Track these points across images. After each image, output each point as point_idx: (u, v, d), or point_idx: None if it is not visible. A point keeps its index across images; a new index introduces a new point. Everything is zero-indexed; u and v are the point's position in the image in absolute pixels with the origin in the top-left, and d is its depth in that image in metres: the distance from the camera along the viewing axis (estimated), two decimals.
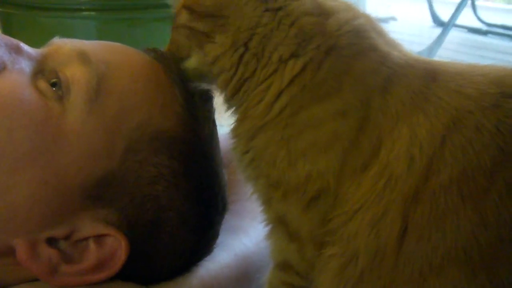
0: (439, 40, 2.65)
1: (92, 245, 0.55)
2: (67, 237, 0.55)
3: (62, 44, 0.60)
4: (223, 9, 0.55)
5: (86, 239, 0.55)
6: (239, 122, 0.57)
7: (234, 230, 0.70)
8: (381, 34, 0.56)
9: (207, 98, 0.64)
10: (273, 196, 0.56)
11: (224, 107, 0.59)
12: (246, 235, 0.71)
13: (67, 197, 0.54)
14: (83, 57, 0.58)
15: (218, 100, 0.63)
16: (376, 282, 0.51)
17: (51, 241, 0.54)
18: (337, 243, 0.53)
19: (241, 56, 0.55)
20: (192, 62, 0.59)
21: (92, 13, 1.14)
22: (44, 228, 0.53)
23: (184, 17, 0.57)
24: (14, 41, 0.59)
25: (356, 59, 0.54)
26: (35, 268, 0.52)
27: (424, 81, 0.53)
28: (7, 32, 1.30)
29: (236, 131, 0.58)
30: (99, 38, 1.15)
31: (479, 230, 0.47)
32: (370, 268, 0.51)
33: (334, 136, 0.53)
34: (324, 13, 0.55)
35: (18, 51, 0.58)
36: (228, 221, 0.68)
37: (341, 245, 0.52)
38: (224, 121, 0.67)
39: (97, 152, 0.55)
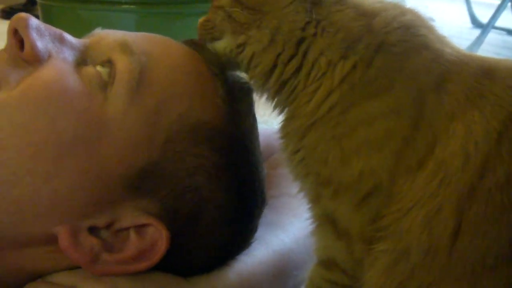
0: (478, 42, 2.61)
1: (133, 235, 0.55)
2: (108, 226, 0.55)
3: (105, 35, 0.61)
4: (265, 5, 0.55)
5: (127, 229, 0.55)
6: (288, 121, 0.57)
7: (272, 226, 0.69)
8: (432, 30, 0.56)
9: (248, 91, 0.64)
10: (323, 194, 0.56)
11: (269, 106, 0.59)
12: (284, 231, 0.70)
13: (108, 187, 0.54)
14: (126, 48, 0.58)
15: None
16: (426, 278, 0.50)
17: (93, 230, 0.54)
18: (389, 239, 0.52)
19: (278, 55, 0.55)
20: (221, 45, 0.59)
21: (131, 6, 1.15)
22: (86, 216, 0.53)
23: (225, 0, 0.57)
24: (57, 30, 0.59)
25: (408, 57, 0.53)
26: (77, 256, 0.53)
27: (479, 78, 0.52)
28: (47, 23, 1.31)
29: (285, 130, 0.58)
30: (138, 31, 1.16)
31: None
32: (422, 264, 0.50)
33: (387, 134, 0.52)
34: (371, 15, 0.54)
35: (61, 40, 0.58)
36: (267, 216, 0.68)
37: (393, 241, 0.52)
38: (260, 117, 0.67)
39: (138, 142, 0.55)
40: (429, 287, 0.50)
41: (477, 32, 2.86)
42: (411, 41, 0.54)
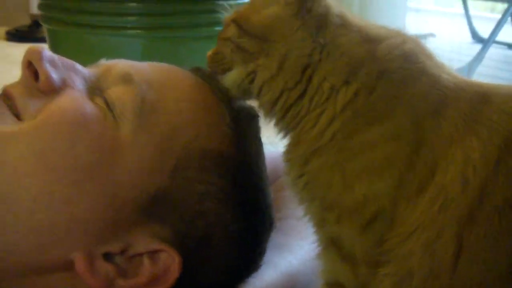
0: (479, 56, 2.62)
1: (146, 260, 0.56)
2: (122, 252, 0.56)
3: (112, 66, 0.63)
4: (272, 34, 0.57)
5: (140, 254, 0.57)
6: (292, 147, 0.59)
7: (280, 248, 0.71)
8: (430, 57, 0.57)
9: (253, 117, 0.66)
10: (327, 218, 0.58)
11: (274, 130, 0.61)
12: (292, 253, 0.72)
13: (123, 211, 0.56)
14: (127, 78, 0.60)
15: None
16: None
17: (108, 256, 0.56)
18: (392, 263, 0.53)
19: (286, 82, 0.57)
20: (233, 76, 0.60)
21: (138, 31, 1.16)
22: (101, 242, 0.55)
23: (232, 31, 0.59)
24: (69, 61, 0.61)
25: (407, 84, 0.55)
26: (93, 282, 0.54)
27: (476, 104, 0.54)
28: (54, 48, 1.33)
29: (289, 156, 0.59)
30: (145, 55, 1.18)
31: None
32: (424, 286, 0.51)
33: (388, 159, 0.54)
34: (374, 40, 0.56)
35: (74, 70, 0.61)
36: (274, 238, 0.69)
37: (396, 265, 0.53)
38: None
39: (148, 168, 0.57)
40: None
41: (477, 47, 2.87)
42: (410, 69, 0.55)
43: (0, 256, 0.54)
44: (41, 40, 2.79)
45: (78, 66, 0.61)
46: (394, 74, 0.55)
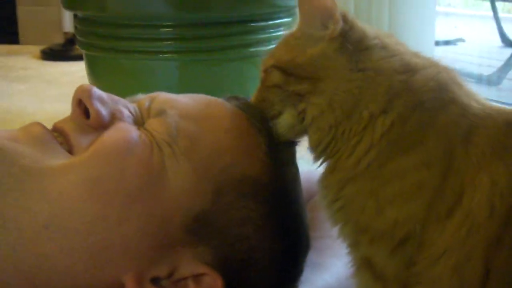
0: (510, 61, 2.60)
1: (191, 284, 0.60)
2: (169, 276, 0.60)
3: (151, 101, 0.67)
4: (319, 71, 0.59)
5: (185, 278, 0.60)
6: (329, 173, 0.61)
7: (315, 266, 0.73)
8: (460, 85, 0.60)
9: (290, 143, 0.68)
10: (361, 240, 0.60)
11: (311, 157, 0.63)
12: (327, 271, 0.74)
13: (169, 233, 0.59)
14: (161, 112, 0.64)
15: None
16: None
17: (155, 281, 0.59)
18: (421, 285, 0.56)
19: (337, 116, 0.59)
20: (286, 120, 0.62)
21: (173, 55, 1.20)
22: (150, 265, 0.59)
23: (277, 78, 0.61)
24: (116, 97, 0.65)
25: (438, 113, 0.57)
26: None
27: (504, 131, 0.56)
28: (92, 72, 1.38)
29: (325, 182, 0.62)
30: (180, 78, 1.22)
31: None
32: None
33: (419, 185, 0.56)
34: (411, 70, 0.58)
35: (121, 104, 0.64)
36: (310, 257, 0.71)
37: (426, 286, 0.55)
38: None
39: (190, 191, 0.60)
40: None
41: (508, 51, 2.84)
42: (441, 98, 0.58)
43: (56, 278, 0.57)
44: (75, 58, 2.87)
45: (124, 101, 0.65)
46: (427, 104, 0.57)
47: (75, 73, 2.73)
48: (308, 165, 0.66)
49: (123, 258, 0.58)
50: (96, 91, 0.62)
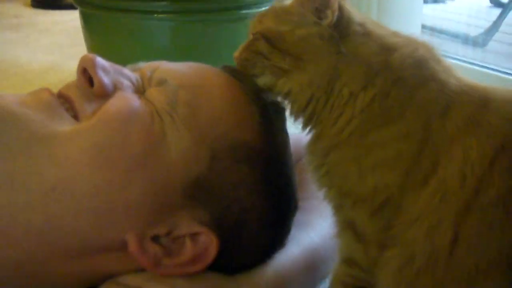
0: (497, 23, 2.62)
1: (188, 241, 0.64)
2: (167, 234, 0.64)
3: (152, 71, 0.71)
4: (304, 53, 0.63)
5: (183, 236, 0.65)
6: (314, 141, 0.66)
7: (302, 225, 0.78)
8: (439, 61, 0.64)
9: (281, 111, 0.72)
10: (344, 203, 0.66)
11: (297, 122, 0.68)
12: (313, 229, 0.79)
13: (169, 196, 0.63)
14: (162, 81, 0.68)
15: None
16: (429, 280, 0.59)
17: (155, 238, 0.64)
18: (397, 246, 0.61)
19: (314, 92, 0.64)
20: (263, 81, 0.67)
21: (168, 15, 1.22)
22: (150, 225, 0.63)
23: (263, 47, 0.65)
24: (118, 66, 0.69)
25: (418, 89, 0.62)
26: (143, 261, 0.62)
27: (477, 108, 0.60)
28: (87, 28, 1.40)
29: (311, 148, 0.67)
30: (174, 38, 1.25)
31: None
32: (425, 268, 0.59)
33: (398, 155, 0.61)
34: (389, 50, 0.63)
35: (122, 75, 0.68)
36: (298, 217, 0.76)
37: (401, 248, 0.61)
38: None
39: (189, 156, 0.64)
40: None
41: (496, 11, 2.85)
42: (421, 75, 0.62)
43: (63, 237, 0.61)
44: (66, 7, 2.85)
45: (125, 71, 0.69)
46: (406, 81, 0.62)
47: (67, 22, 2.73)
48: (297, 130, 0.70)
49: (126, 219, 0.62)
50: (100, 61, 0.66)
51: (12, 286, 0.62)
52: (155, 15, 1.22)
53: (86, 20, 1.35)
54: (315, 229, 0.80)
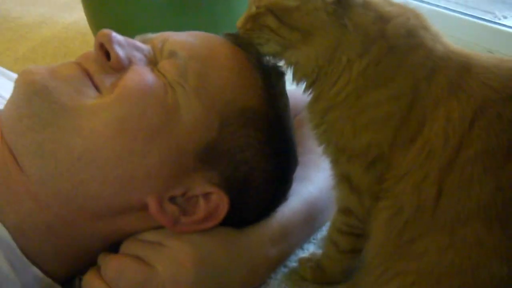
0: None
1: (201, 201, 0.70)
2: (183, 195, 0.70)
3: (163, 42, 0.74)
4: (311, 28, 0.67)
5: (196, 196, 0.71)
6: (314, 102, 0.72)
7: (301, 179, 0.84)
8: (427, 29, 0.69)
9: (281, 75, 0.77)
10: (340, 158, 0.72)
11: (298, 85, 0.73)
12: (311, 183, 0.86)
13: (184, 161, 0.69)
14: (172, 53, 0.72)
15: None
16: (416, 229, 0.65)
17: (172, 199, 0.70)
18: (388, 198, 0.67)
19: (319, 62, 0.68)
20: (268, 49, 0.71)
21: None
22: (168, 187, 0.69)
23: (271, 21, 0.69)
24: (132, 40, 0.73)
25: (407, 55, 0.67)
26: (163, 220, 0.69)
27: (460, 72, 0.65)
28: None
29: (311, 108, 0.72)
30: (169, 7, 1.26)
31: (496, 194, 0.61)
32: (413, 218, 0.65)
33: (389, 114, 0.67)
34: (384, 19, 0.67)
35: (136, 48, 0.72)
36: (296, 172, 0.82)
37: (391, 200, 0.67)
38: None
39: (200, 123, 0.69)
40: (419, 237, 0.65)
41: None
42: (410, 42, 0.67)
43: (90, 201, 0.67)
44: None
45: (139, 44, 0.73)
46: (398, 48, 0.67)
47: None
48: (292, 86, 0.75)
49: (146, 184, 0.68)
50: (116, 36, 0.70)
51: (45, 245, 0.68)
52: None
53: None
54: (313, 182, 0.86)
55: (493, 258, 0.62)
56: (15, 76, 0.83)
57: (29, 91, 0.67)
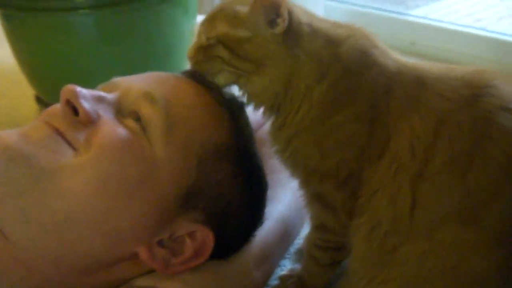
0: None
1: (187, 240, 0.72)
2: (169, 237, 0.71)
3: (128, 86, 0.74)
4: (264, 59, 0.70)
5: (182, 236, 0.72)
6: (278, 129, 0.74)
7: (270, 199, 0.86)
8: (377, 47, 0.72)
9: (242, 106, 0.79)
10: (311, 180, 0.74)
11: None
12: (280, 202, 0.89)
13: (168, 209, 0.70)
14: (150, 97, 0.72)
15: None
16: (396, 238, 0.69)
17: (160, 242, 0.71)
18: (365, 214, 0.71)
19: (275, 90, 0.71)
20: (223, 80, 0.73)
21: (87, 11, 1.22)
22: (155, 234, 0.70)
23: (222, 52, 0.70)
24: (97, 93, 0.72)
25: (362, 74, 0.70)
26: (155, 265, 0.70)
27: (415, 86, 0.69)
28: (9, 31, 1.38)
29: (274, 135, 0.75)
30: (99, 32, 1.26)
31: (465, 196, 0.65)
32: (391, 228, 0.69)
33: (353, 134, 0.70)
34: (335, 43, 0.70)
35: (101, 100, 0.72)
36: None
37: (369, 215, 0.70)
38: None
39: (180, 170, 0.70)
40: (400, 245, 0.69)
41: None
42: (363, 62, 0.70)
43: (78, 260, 0.68)
44: None
45: (104, 95, 0.73)
46: (353, 70, 0.70)
47: None
48: None
49: (134, 236, 0.69)
50: (81, 91, 0.70)
51: None
52: (74, 11, 1.22)
53: (8, 21, 1.32)
54: (281, 201, 0.89)
55: (472, 255, 0.66)
56: None
57: (4, 157, 0.66)
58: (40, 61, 1.37)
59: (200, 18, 0.81)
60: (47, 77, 1.39)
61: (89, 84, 0.74)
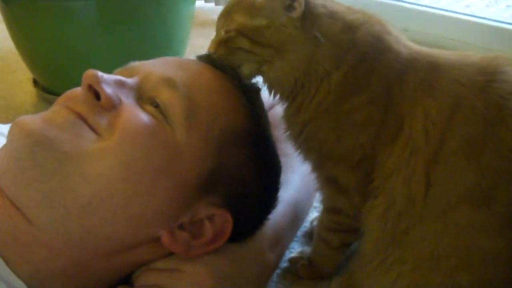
0: None
1: (207, 223, 0.73)
2: (190, 220, 0.72)
3: (148, 71, 0.75)
4: (283, 44, 0.71)
5: (201, 219, 0.73)
6: (294, 114, 0.76)
7: (282, 184, 0.86)
8: (390, 34, 0.74)
9: (258, 91, 0.81)
10: (326, 164, 0.76)
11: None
12: (289, 185, 0.90)
13: (189, 193, 0.71)
14: (171, 83, 0.73)
15: None
16: (410, 219, 0.71)
17: (181, 226, 0.72)
18: (380, 195, 0.73)
19: (296, 75, 0.72)
20: (247, 71, 0.75)
21: None
22: (177, 218, 0.71)
23: (243, 43, 0.72)
24: (118, 77, 0.73)
25: (377, 60, 0.72)
26: (177, 248, 0.71)
27: (428, 72, 0.71)
28: (9, 15, 1.37)
29: (290, 120, 0.77)
30: (99, 17, 1.25)
31: (479, 178, 0.67)
32: (406, 210, 0.71)
33: (368, 118, 0.72)
34: (352, 28, 0.72)
35: (122, 85, 0.72)
36: None
37: (383, 196, 0.72)
38: None
39: (200, 155, 0.71)
40: (413, 226, 0.70)
41: None
42: (378, 48, 0.72)
43: (103, 243, 0.68)
44: None
45: (125, 80, 0.73)
46: (369, 54, 0.72)
47: None
48: None
49: (157, 220, 0.70)
50: (103, 75, 0.70)
51: (57, 286, 0.69)
52: None
53: (8, 5, 1.31)
54: (292, 184, 0.91)
55: (482, 235, 0.69)
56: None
57: (29, 142, 0.66)
58: (40, 46, 1.37)
59: (199, 3, 0.81)
60: (47, 62, 1.39)
61: (89, 68, 0.73)
